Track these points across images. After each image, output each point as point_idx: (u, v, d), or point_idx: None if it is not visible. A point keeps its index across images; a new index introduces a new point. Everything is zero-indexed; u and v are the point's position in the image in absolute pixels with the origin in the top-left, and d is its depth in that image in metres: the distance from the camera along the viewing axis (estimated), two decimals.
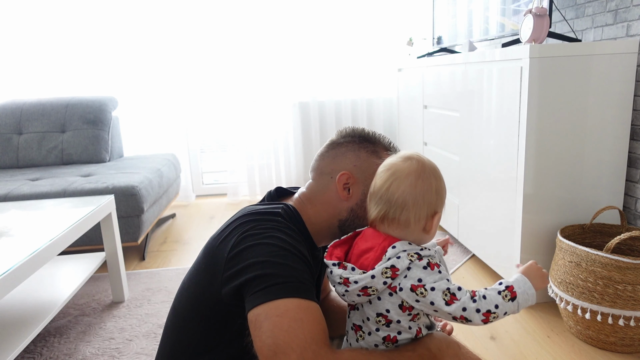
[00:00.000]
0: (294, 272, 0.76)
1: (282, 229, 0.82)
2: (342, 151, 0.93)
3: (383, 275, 0.75)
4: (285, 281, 0.74)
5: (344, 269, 0.79)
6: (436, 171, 0.82)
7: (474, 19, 2.45)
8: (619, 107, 1.64)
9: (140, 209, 2.22)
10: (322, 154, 0.96)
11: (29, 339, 1.33)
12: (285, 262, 0.76)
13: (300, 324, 0.70)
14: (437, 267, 0.76)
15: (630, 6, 1.68)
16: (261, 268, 0.75)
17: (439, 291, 0.73)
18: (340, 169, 0.91)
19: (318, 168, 0.95)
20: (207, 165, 3.74)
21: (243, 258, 0.77)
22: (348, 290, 0.78)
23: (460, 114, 2.13)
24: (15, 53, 3.18)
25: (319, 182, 0.94)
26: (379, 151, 0.94)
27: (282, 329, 0.70)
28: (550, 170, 1.66)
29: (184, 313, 0.89)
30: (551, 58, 1.57)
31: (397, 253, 0.76)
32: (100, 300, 1.94)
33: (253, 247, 0.77)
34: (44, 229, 1.49)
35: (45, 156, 2.77)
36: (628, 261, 1.35)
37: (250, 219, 0.83)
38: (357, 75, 3.42)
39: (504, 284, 0.77)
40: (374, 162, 0.91)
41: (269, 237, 0.78)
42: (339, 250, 0.85)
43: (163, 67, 3.30)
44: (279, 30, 3.29)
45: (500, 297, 0.75)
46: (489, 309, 0.73)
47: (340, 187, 0.90)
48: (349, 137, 0.95)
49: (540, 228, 1.70)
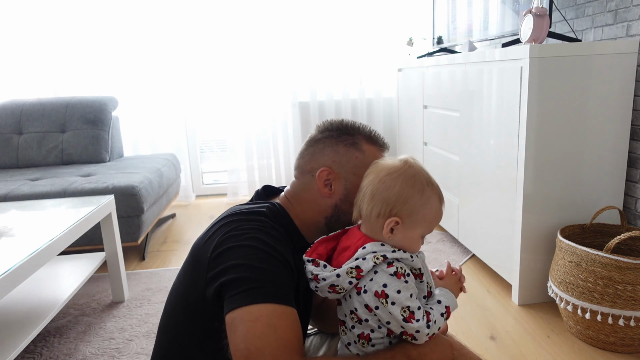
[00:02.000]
0: (271, 277, 0.75)
1: (264, 229, 0.81)
2: (320, 147, 0.91)
3: (348, 275, 0.76)
4: (262, 286, 0.73)
5: (316, 266, 0.80)
6: (414, 179, 0.78)
7: (474, 19, 2.45)
8: (619, 107, 1.64)
9: (140, 209, 2.22)
10: (302, 152, 0.94)
11: (29, 339, 1.33)
12: (264, 266, 0.75)
13: (274, 331, 0.70)
14: (403, 278, 0.76)
15: (630, 6, 1.68)
16: (240, 271, 0.74)
17: (398, 306, 0.74)
18: (319, 166, 0.89)
19: (299, 167, 0.94)
20: (207, 165, 3.74)
21: (224, 259, 0.77)
22: (318, 287, 0.80)
23: (460, 114, 2.13)
24: (15, 53, 3.18)
25: (301, 181, 0.93)
26: (358, 142, 0.91)
27: (255, 334, 0.69)
28: (550, 170, 1.66)
29: (173, 313, 0.89)
30: (551, 58, 1.57)
31: (365, 254, 0.77)
32: (100, 300, 1.94)
33: (234, 249, 0.77)
34: (44, 229, 1.49)
35: (45, 156, 2.76)
36: (628, 261, 1.35)
37: (234, 219, 0.82)
38: (357, 75, 3.42)
39: (443, 304, 0.79)
40: (354, 154, 0.89)
41: (250, 239, 0.78)
42: (323, 247, 0.85)
43: (163, 67, 3.29)
44: (279, 31, 3.29)
45: (442, 319, 0.78)
46: (434, 332, 0.77)
47: (321, 184, 0.89)
48: (327, 132, 0.92)
49: (540, 228, 1.70)
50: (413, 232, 0.79)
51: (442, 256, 2.25)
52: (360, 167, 0.88)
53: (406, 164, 0.80)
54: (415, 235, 0.79)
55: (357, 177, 0.87)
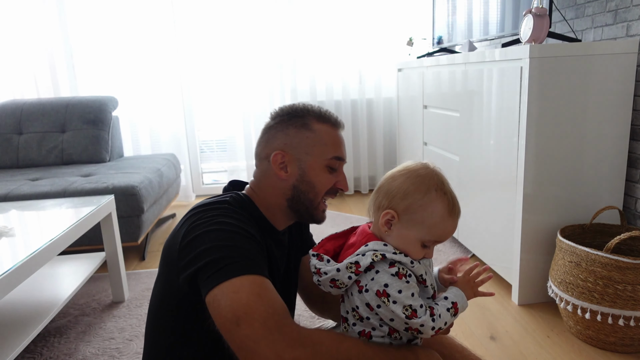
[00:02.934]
0: (242, 251, 0.77)
1: (228, 214, 0.84)
2: (273, 133, 0.94)
3: (347, 270, 0.77)
4: (235, 261, 0.75)
5: (320, 260, 0.82)
6: (421, 179, 0.78)
7: (474, 19, 2.45)
8: (619, 107, 1.64)
9: (140, 209, 2.22)
10: (258, 140, 0.98)
11: (29, 339, 1.33)
12: (233, 244, 0.78)
13: (259, 297, 0.72)
14: (405, 278, 0.76)
15: (630, 6, 1.68)
16: (211, 253, 0.76)
17: (399, 305, 0.74)
18: (272, 151, 0.92)
19: (257, 155, 0.97)
20: (207, 165, 3.74)
21: (193, 247, 0.79)
22: (320, 280, 0.82)
23: (460, 114, 2.13)
24: (15, 53, 3.18)
25: (260, 168, 0.96)
26: (308, 123, 0.93)
27: (241, 303, 0.71)
28: (550, 170, 1.66)
29: (154, 311, 0.92)
30: (551, 58, 1.57)
31: (366, 251, 0.77)
32: (100, 300, 1.94)
33: (201, 236, 0.79)
34: (44, 229, 1.49)
35: (45, 156, 2.76)
36: (628, 261, 1.35)
37: (198, 211, 0.85)
38: (357, 75, 3.42)
39: (449, 300, 0.79)
40: (304, 134, 0.92)
41: (215, 224, 0.80)
42: (331, 243, 0.87)
43: (163, 67, 3.29)
44: (279, 31, 3.29)
45: (449, 314, 0.78)
46: (441, 327, 0.77)
47: (277, 167, 0.92)
48: (278, 118, 0.95)
49: (540, 228, 1.70)
50: (409, 231, 0.78)
51: (442, 256, 2.25)
52: (313, 146, 0.91)
53: (422, 166, 0.81)
54: (412, 236, 0.78)
55: (311, 157, 0.91)
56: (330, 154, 0.92)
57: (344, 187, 0.95)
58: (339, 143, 0.94)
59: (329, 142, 0.92)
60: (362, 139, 3.49)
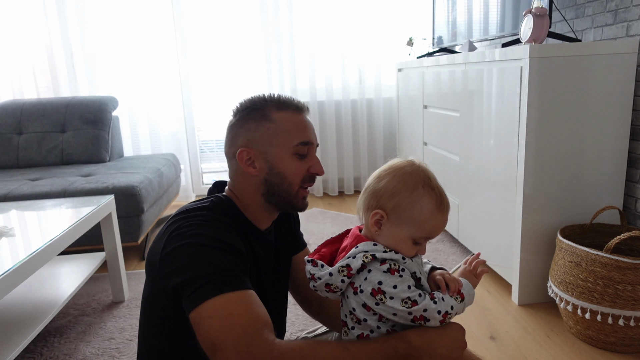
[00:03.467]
0: (216, 269, 0.77)
1: (206, 222, 0.83)
2: (235, 130, 0.92)
3: (340, 274, 0.77)
4: (208, 281, 0.75)
5: (314, 266, 0.81)
6: (407, 176, 0.78)
7: (474, 19, 2.45)
8: (619, 107, 1.64)
9: (140, 209, 2.22)
10: (225, 140, 0.96)
11: (29, 339, 1.33)
12: (208, 261, 0.77)
13: (230, 320, 0.72)
14: (397, 273, 0.75)
15: (630, 6, 1.68)
16: (186, 271, 0.77)
17: (397, 300, 0.74)
18: (237, 148, 0.90)
19: (225, 155, 0.96)
20: (207, 165, 3.74)
21: (171, 260, 0.79)
22: (315, 286, 0.82)
23: (460, 114, 2.13)
24: (15, 53, 3.18)
25: (231, 168, 0.95)
26: (267, 113, 0.90)
27: (214, 328, 0.72)
28: (550, 170, 1.66)
29: (143, 319, 0.94)
30: (551, 58, 1.57)
31: (356, 253, 0.77)
32: (100, 300, 1.94)
33: (178, 249, 0.79)
34: (44, 229, 1.49)
35: (45, 156, 2.76)
36: (628, 261, 1.35)
37: (179, 218, 0.85)
38: (357, 75, 3.42)
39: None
40: (265, 126, 0.89)
41: (192, 236, 0.80)
42: (328, 248, 0.87)
43: (163, 67, 3.29)
44: (279, 31, 3.29)
45: (453, 299, 0.77)
46: (447, 310, 0.76)
47: (244, 164, 0.90)
48: (238, 114, 0.93)
49: (540, 228, 1.70)
50: (399, 230, 0.78)
51: (442, 256, 2.25)
52: (275, 136, 0.89)
53: (408, 163, 0.80)
54: (402, 234, 0.78)
55: (275, 147, 0.89)
56: (294, 141, 0.89)
57: (318, 171, 0.92)
58: (303, 127, 0.91)
59: (291, 128, 0.89)
60: (362, 139, 3.49)
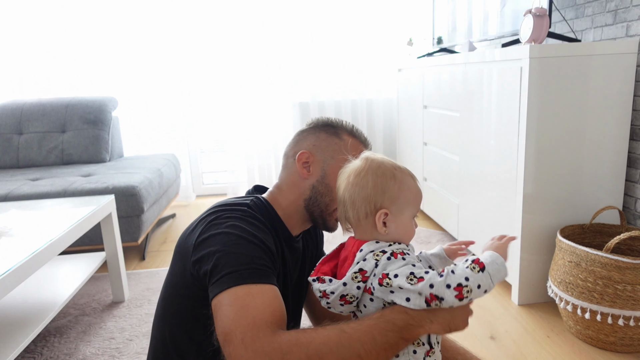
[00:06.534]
0: (246, 259, 0.79)
1: (245, 218, 0.86)
2: (304, 135, 0.99)
3: (354, 281, 0.76)
4: (236, 270, 0.77)
5: (322, 283, 0.80)
6: (381, 169, 0.80)
7: (473, 19, 2.45)
8: (619, 107, 1.64)
9: (140, 209, 2.22)
10: (289, 142, 1.02)
11: (29, 339, 1.33)
12: (239, 251, 0.79)
13: (245, 311, 0.73)
14: (401, 255, 0.75)
15: (630, 6, 1.68)
16: (218, 258, 0.79)
17: (402, 276, 0.73)
18: (300, 150, 0.97)
19: (285, 154, 1.02)
20: (207, 165, 3.74)
21: (206, 246, 0.82)
22: (329, 302, 0.80)
23: (460, 114, 2.13)
24: (15, 53, 3.18)
25: (284, 166, 1.00)
26: (339, 133, 0.98)
27: (229, 317, 0.73)
28: (550, 170, 1.66)
29: (163, 304, 0.94)
30: (551, 58, 1.57)
31: (364, 255, 0.77)
32: (101, 300, 1.94)
33: (214, 236, 0.82)
34: (44, 229, 1.49)
35: (45, 156, 2.77)
36: (628, 261, 1.35)
37: (218, 209, 0.87)
38: (357, 75, 3.42)
39: (469, 259, 0.76)
40: (334, 140, 0.96)
41: (229, 227, 0.82)
42: (326, 266, 0.85)
43: (163, 67, 3.29)
44: (279, 30, 3.29)
45: (468, 269, 0.72)
46: (459, 282, 0.71)
47: (300, 165, 0.95)
48: (312, 124, 1.01)
49: (540, 228, 1.70)
50: (403, 217, 0.80)
51: None
52: (339, 152, 0.94)
53: (367, 160, 0.82)
54: (406, 219, 0.80)
55: (335, 161, 0.94)
56: None
57: None
58: None
59: (352, 152, 0.94)
60: None
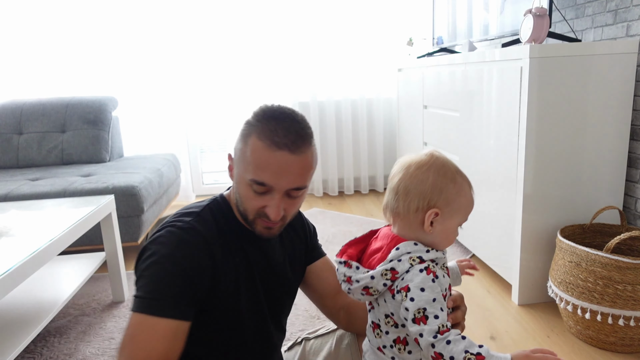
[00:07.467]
0: (157, 289, 0.80)
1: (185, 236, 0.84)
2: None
3: (383, 277, 0.75)
4: (143, 297, 0.79)
5: (349, 267, 0.80)
6: (444, 169, 0.78)
7: (474, 19, 2.45)
8: (619, 107, 1.64)
9: (140, 209, 2.22)
10: None
11: (29, 339, 1.33)
12: (156, 280, 0.81)
13: (131, 341, 0.77)
14: (433, 275, 0.73)
15: (630, 6, 1.68)
16: (139, 282, 0.83)
17: (415, 305, 0.71)
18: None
19: None
20: (207, 165, 3.74)
21: (139, 267, 0.86)
22: (351, 289, 0.80)
23: (460, 114, 2.13)
24: (15, 53, 3.18)
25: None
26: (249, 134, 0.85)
27: (123, 341, 0.78)
28: (550, 170, 1.66)
29: None
30: (551, 58, 1.57)
31: (400, 255, 0.76)
32: (100, 300, 1.94)
33: (146, 265, 0.84)
34: (44, 229, 1.49)
35: (45, 156, 2.76)
36: (628, 261, 1.35)
37: (165, 225, 0.88)
38: (357, 75, 3.42)
39: (477, 350, 0.68)
40: (239, 145, 0.86)
41: (162, 256, 0.83)
42: (353, 248, 0.85)
43: (163, 68, 3.29)
44: (279, 30, 3.29)
45: (463, 356, 0.67)
46: (441, 353, 0.68)
47: (229, 168, 0.93)
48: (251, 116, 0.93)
49: (540, 228, 1.70)
50: (451, 221, 0.79)
51: None
52: (242, 161, 0.84)
53: (433, 157, 0.80)
54: (454, 225, 0.80)
55: (239, 170, 0.85)
56: (249, 175, 0.81)
57: (269, 215, 0.82)
58: (265, 166, 0.80)
59: (253, 162, 0.81)
60: (362, 139, 3.48)
